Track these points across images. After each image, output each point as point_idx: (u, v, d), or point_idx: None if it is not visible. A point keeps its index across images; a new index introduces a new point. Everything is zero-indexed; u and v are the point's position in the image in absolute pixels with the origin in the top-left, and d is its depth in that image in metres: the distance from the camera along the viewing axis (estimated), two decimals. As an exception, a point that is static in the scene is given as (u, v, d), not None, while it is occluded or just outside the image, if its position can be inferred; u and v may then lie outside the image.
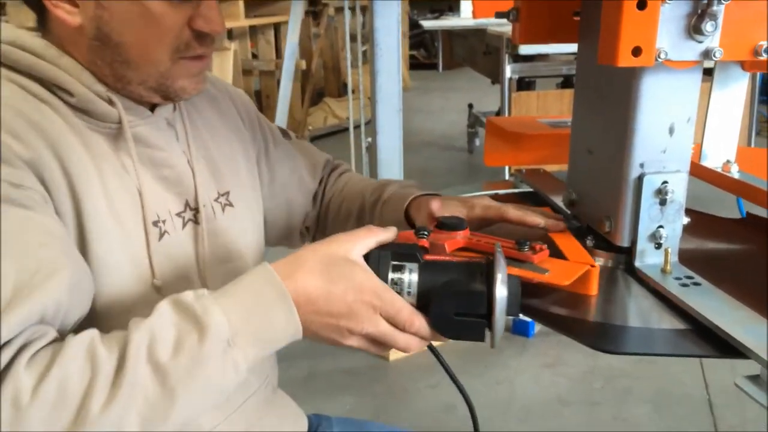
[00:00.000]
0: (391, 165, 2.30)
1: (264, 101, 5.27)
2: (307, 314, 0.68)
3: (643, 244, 0.87)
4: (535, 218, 0.93)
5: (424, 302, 0.71)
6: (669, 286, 0.81)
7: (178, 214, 0.85)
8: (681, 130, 0.85)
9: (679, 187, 0.85)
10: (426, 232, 0.80)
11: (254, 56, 5.45)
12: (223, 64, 4.16)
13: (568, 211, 1.02)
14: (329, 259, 0.70)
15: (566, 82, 3.88)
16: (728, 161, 1.08)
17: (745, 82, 1.05)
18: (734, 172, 1.07)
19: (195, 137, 0.90)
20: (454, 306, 0.69)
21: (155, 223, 0.81)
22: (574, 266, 0.81)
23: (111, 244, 0.76)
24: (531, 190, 1.22)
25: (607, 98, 0.89)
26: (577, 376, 2.34)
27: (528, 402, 2.22)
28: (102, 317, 0.75)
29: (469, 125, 5.08)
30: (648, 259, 0.87)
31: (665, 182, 0.85)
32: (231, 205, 0.92)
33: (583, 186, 0.98)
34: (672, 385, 2.27)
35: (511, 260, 0.81)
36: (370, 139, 2.46)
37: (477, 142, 5.08)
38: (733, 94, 1.06)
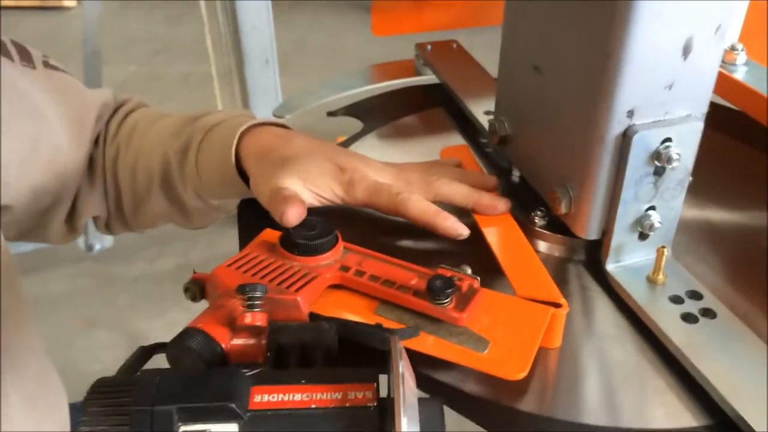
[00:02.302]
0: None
1: None
2: None
3: (621, 236, 0.53)
4: (454, 226, 0.55)
5: None
6: (661, 318, 0.49)
7: None
8: (703, 47, 0.47)
9: (688, 147, 0.50)
10: (254, 295, 0.42)
11: None
12: None
13: (493, 149, 0.65)
14: None
15: None
16: (732, 46, 0.71)
17: None
18: (740, 66, 0.71)
19: None
20: None
21: None
22: (530, 319, 0.47)
23: None
24: (437, 81, 0.83)
25: (572, -20, 0.50)
26: None
27: None
28: None
29: None
30: (627, 257, 0.54)
31: (667, 140, 0.49)
32: None
33: (523, 124, 0.61)
34: None
35: (423, 318, 0.46)
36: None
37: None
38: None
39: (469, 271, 0.48)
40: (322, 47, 3.25)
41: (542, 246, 0.58)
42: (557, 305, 0.47)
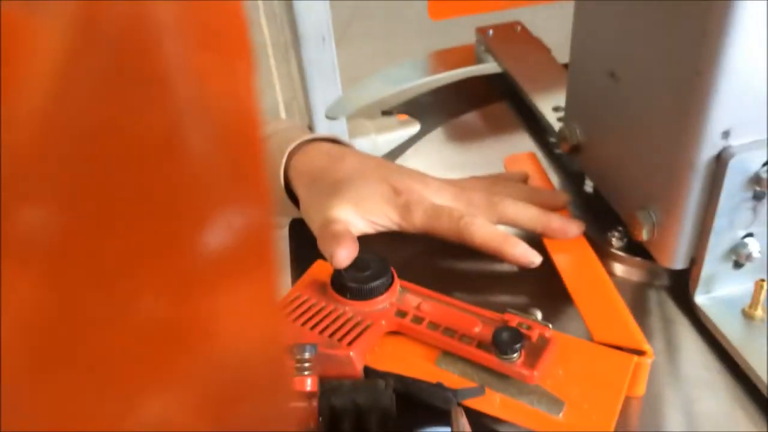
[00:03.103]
0: None
1: None
2: None
3: (713, 266, 0.47)
4: (525, 254, 0.50)
5: None
6: (759, 361, 0.43)
7: None
8: (814, 56, 0.40)
9: (794, 168, 0.43)
10: (303, 356, 0.39)
11: None
12: None
13: (560, 150, 0.59)
14: None
15: None
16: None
17: None
18: None
19: None
20: None
21: None
22: (610, 370, 0.42)
23: None
24: (500, 70, 0.77)
25: (655, -21, 0.43)
26: None
27: None
28: None
29: None
30: (719, 287, 0.48)
31: (769, 163, 0.42)
32: None
33: (598, 133, 0.54)
34: None
35: (490, 373, 0.41)
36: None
37: None
38: None
39: (540, 315, 0.43)
40: (383, 11, 3.16)
41: (619, 269, 0.52)
42: (641, 353, 0.42)
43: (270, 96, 1.50)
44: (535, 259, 0.50)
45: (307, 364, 0.39)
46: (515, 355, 0.40)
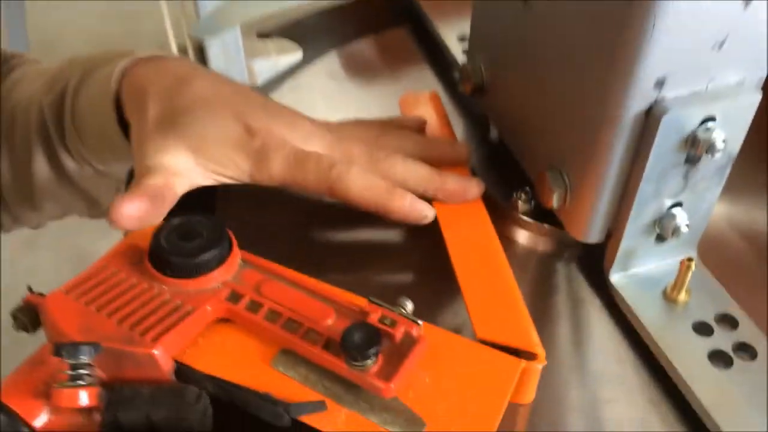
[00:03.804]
0: None
1: None
2: None
3: (632, 240, 0.39)
4: (414, 207, 0.41)
5: None
6: (681, 358, 0.36)
7: None
8: (774, -15, 0.32)
9: (737, 127, 0.35)
10: (79, 361, 0.29)
11: None
12: None
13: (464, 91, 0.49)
14: None
15: None
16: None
17: None
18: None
19: None
20: None
21: None
22: (490, 378, 0.33)
23: None
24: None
25: None
26: None
27: None
28: None
29: None
30: (638, 263, 0.40)
31: (709, 120, 0.34)
32: None
33: (505, 71, 0.45)
34: None
35: (338, 381, 0.32)
36: None
37: None
38: None
39: (410, 307, 0.34)
40: None
41: (523, 237, 0.44)
42: (531, 356, 0.34)
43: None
44: (427, 212, 0.41)
45: (82, 371, 0.29)
46: (368, 361, 0.31)
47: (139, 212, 0.35)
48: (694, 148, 0.34)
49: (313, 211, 0.46)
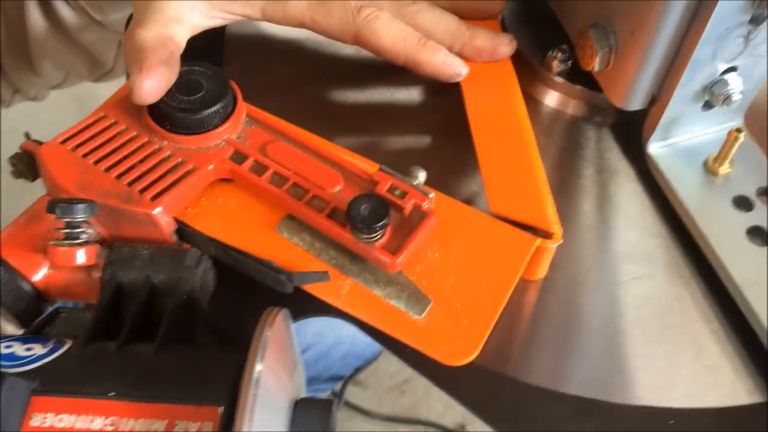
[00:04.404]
0: None
1: None
2: None
3: (679, 107, 0.36)
4: (447, 62, 0.37)
5: None
6: (717, 233, 0.34)
7: None
8: None
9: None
10: (74, 219, 0.28)
11: None
12: None
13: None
14: None
15: None
16: None
17: None
18: None
19: None
20: None
21: None
22: (500, 256, 0.31)
23: None
24: None
25: None
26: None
27: None
28: None
29: None
30: (680, 132, 0.37)
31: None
32: None
33: None
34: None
35: (343, 252, 0.31)
36: None
37: None
38: None
39: (423, 177, 0.31)
40: None
41: (551, 98, 0.41)
42: (547, 234, 0.32)
43: None
44: (461, 69, 0.37)
45: (79, 230, 0.28)
46: (375, 235, 0.29)
47: (159, 83, 0.31)
48: (761, 6, 0.31)
49: (325, 64, 0.42)
